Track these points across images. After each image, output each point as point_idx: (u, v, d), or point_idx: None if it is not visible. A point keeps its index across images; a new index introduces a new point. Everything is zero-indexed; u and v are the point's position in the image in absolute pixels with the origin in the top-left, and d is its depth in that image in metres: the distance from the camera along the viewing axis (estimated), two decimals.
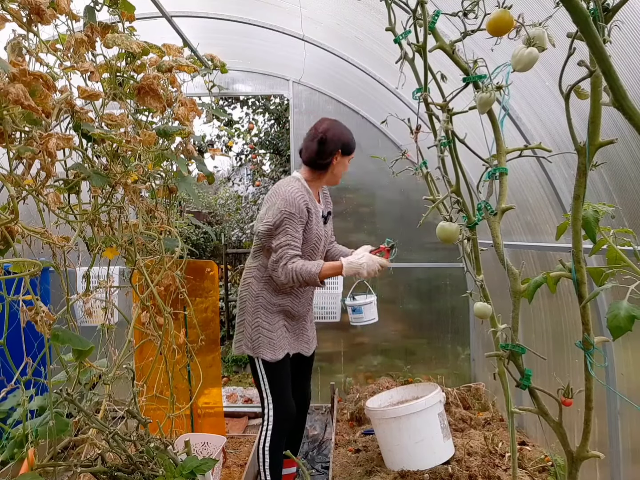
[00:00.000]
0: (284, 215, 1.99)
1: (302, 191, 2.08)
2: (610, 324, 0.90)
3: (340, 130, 2.16)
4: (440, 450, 2.29)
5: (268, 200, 2.10)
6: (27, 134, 1.12)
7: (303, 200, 2.04)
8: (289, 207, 2.00)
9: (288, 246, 1.99)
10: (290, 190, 2.04)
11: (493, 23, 0.98)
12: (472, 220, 1.20)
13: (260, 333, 2.12)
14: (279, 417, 2.13)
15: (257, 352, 2.12)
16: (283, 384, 2.16)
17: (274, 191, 2.11)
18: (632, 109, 0.76)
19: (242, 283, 2.23)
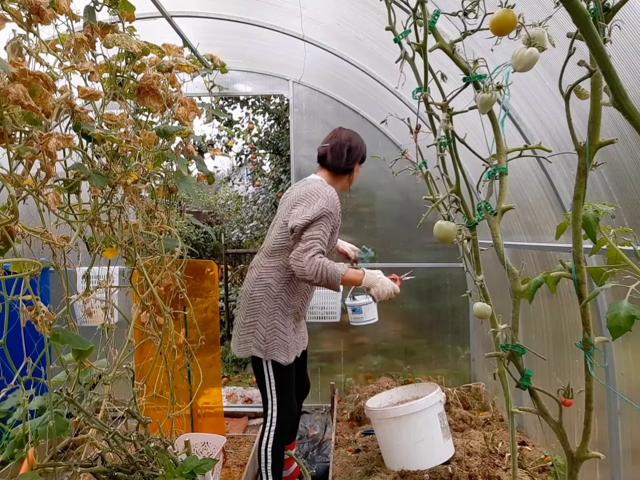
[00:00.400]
0: (323, 212, 2.01)
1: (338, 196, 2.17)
2: (610, 323, 0.90)
3: (361, 139, 2.32)
4: (440, 450, 2.29)
5: (305, 199, 2.08)
6: (27, 134, 1.12)
7: (339, 206, 2.13)
8: (330, 207, 2.04)
9: (319, 240, 1.98)
10: (331, 193, 2.10)
11: (496, 22, 0.98)
12: (472, 220, 1.20)
13: (276, 335, 2.09)
14: (282, 418, 2.12)
15: (271, 354, 2.08)
16: (289, 386, 2.15)
17: (313, 192, 2.09)
18: (632, 109, 0.76)
19: (256, 282, 2.15)
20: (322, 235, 1.99)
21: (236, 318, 2.23)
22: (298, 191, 2.16)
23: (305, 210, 2.03)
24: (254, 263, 2.23)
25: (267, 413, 2.13)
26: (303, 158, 3.62)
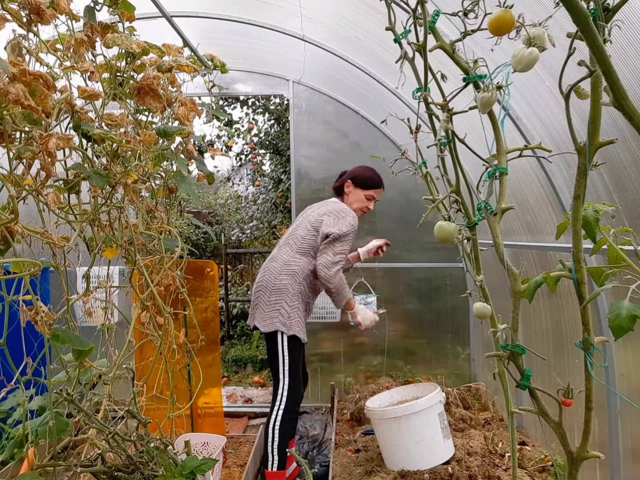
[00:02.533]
0: (350, 231, 2.37)
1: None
2: (612, 323, 0.89)
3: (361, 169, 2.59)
4: (440, 450, 2.29)
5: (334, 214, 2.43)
6: (27, 134, 1.12)
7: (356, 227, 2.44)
8: (354, 225, 2.41)
9: (344, 256, 2.36)
10: (352, 216, 2.44)
11: (495, 22, 0.98)
12: (472, 220, 1.20)
13: (298, 314, 2.37)
14: (291, 399, 2.29)
15: (294, 330, 2.34)
16: (298, 368, 2.36)
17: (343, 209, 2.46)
18: (632, 109, 0.76)
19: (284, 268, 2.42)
20: (346, 250, 2.37)
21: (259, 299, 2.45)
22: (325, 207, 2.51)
23: (337, 222, 2.38)
24: (276, 256, 2.49)
25: (277, 393, 2.31)
26: (303, 158, 3.62)
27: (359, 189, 2.54)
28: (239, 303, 5.85)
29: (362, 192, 2.55)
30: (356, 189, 2.54)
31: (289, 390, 2.29)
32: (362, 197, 2.55)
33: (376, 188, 2.56)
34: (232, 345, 5.43)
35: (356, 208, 2.54)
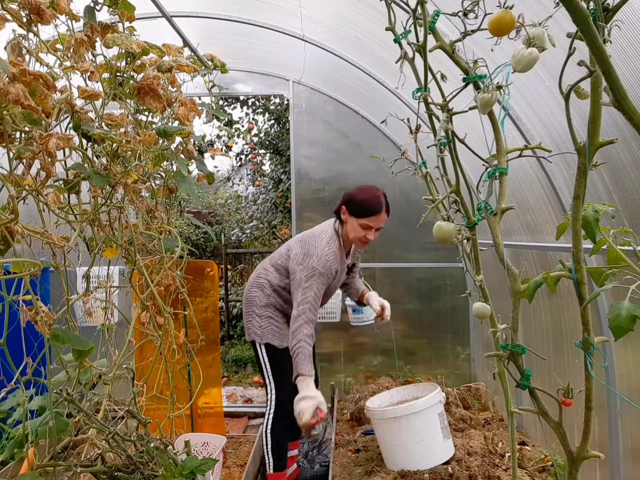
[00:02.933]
0: (314, 273, 2.08)
1: (336, 253, 2.17)
2: (612, 324, 0.90)
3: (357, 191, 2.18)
4: (440, 450, 2.29)
5: (304, 244, 2.18)
6: (27, 134, 1.12)
7: (334, 265, 2.15)
8: (321, 267, 2.10)
9: (310, 305, 2.06)
10: (326, 252, 2.12)
11: (495, 23, 0.98)
12: (471, 220, 1.20)
13: (271, 323, 2.30)
14: (280, 402, 2.28)
15: (266, 338, 2.29)
16: (284, 370, 2.26)
17: (314, 239, 2.18)
18: (632, 109, 0.76)
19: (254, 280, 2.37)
20: (314, 298, 2.07)
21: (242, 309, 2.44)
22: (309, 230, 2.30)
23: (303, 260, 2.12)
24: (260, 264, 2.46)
25: (267, 397, 2.32)
26: (303, 158, 3.62)
27: (353, 217, 2.14)
28: (239, 303, 5.85)
29: (356, 221, 2.13)
30: (350, 217, 2.15)
31: (276, 395, 2.29)
32: (357, 227, 2.14)
33: (371, 215, 2.10)
34: (232, 345, 5.43)
35: (353, 239, 2.19)
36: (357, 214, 2.13)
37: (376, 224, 2.13)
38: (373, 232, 2.14)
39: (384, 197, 2.14)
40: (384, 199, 2.13)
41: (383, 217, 2.13)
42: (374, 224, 2.12)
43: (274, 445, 2.27)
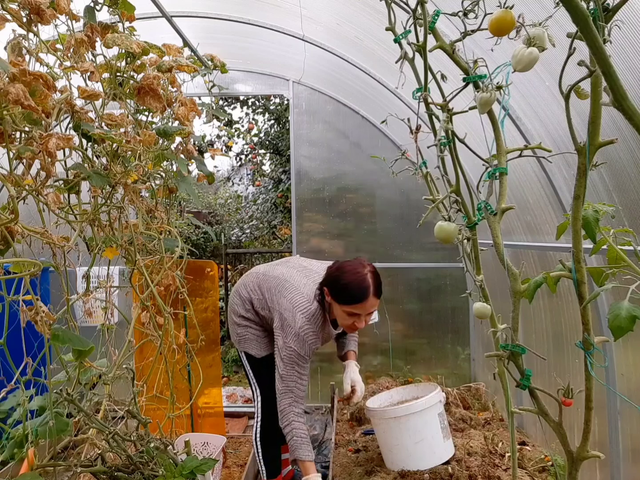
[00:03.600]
0: (293, 354, 1.92)
1: (317, 333, 1.95)
2: (611, 324, 0.90)
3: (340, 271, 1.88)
4: (440, 450, 2.29)
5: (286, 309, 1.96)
6: (27, 134, 1.12)
7: (315, 345, 1.98)
8: (300, 348, 1.91)
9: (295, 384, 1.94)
10: (306, 332, 1.91)
11: (495, 23, 0.98)
12: (472, 220, 1.20)
13: (249, 331, 2.23)
14: (265, 409, 2.24)
15: (243, 346, 2.24)
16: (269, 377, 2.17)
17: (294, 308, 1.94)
18: (632, 109, 0.76)
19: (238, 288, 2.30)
20: (297, 384, 1.95)
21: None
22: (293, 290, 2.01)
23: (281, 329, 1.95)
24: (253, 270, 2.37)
25: (254, 405, 2.29)
26: (303, 158, 3.62)
27: (337, 303, 1.85)
28: None
29: (341, 308, 1.84)
30: (334, 302, 1.86)
31: (262, 402, 2.23)
32: (342, 314, 1.86)
33: (357, 303, 1.79)
34: (232, 345, 5.42)
35: (341, 325, 1.95)
36: (340, 300, 1.84)
37: (364, 311, 1.83)
38: (362, 318, 1.85)
39: (373, 275, 1.83)
40: (372, 278, 1.81)
41: (372, 302, 1.81)
42: (361, 312, 1.83)
43: (265, 452, 2.24)
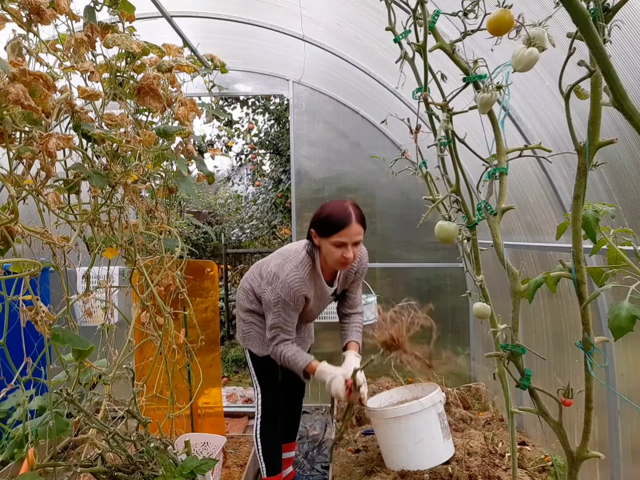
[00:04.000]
0: (278, 300, 1.98)
1: (304, 279, 2.00)
2: (611, 324, 0.90)
3: (321, 207, 1.98)
4: (440, 450, 2.29)
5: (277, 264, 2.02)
6: (27, 134, 1.12)
7: (301, 292, 1.99)
8: (285, 294, 1.96)
9: (280, 329, 2.02)
10: (291, 277, 1.97)
11: (493, 23, 0.98)
12: (472, 220, 1.20)
13: (253, 329, 2.25)
14: (266, 406, 2.27)
15: (247, 343, 2.27)
16: (270, 376, 2.27)
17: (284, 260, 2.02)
18: (632, 109, 0.76)
19: (242, 284, 2.33)
20: (282, 322, 2.00)
21: None
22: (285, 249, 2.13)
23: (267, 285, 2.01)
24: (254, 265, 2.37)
25: (255, 401, 2.31)
26: (303, 158, 3.62)
27: (323, 239, 1.91)
28: None
29: (327, 241, 1.89)
30: (321, 239, 1.92)
31: (262, 400, 2.27)
32: (330, 248, 1.89)
33: (340, 229, 1.84)
34: (232, 345, 5.43)
35: (332, 263, 1.96)
36: (326, 232, 1.89)
37: (349, 239, 1.85)
38: (349, 248, 1.87)
39: (355, 207, 1.91)
40: (353, 209, 1.89)
41: (355, 229, 1.85)
42: (346, 239, 1.85)
43: (265, 449, 2.26)
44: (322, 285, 2.11)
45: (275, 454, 2.33)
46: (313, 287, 2.06)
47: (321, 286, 2.11)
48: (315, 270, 2.05)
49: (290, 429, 2.62)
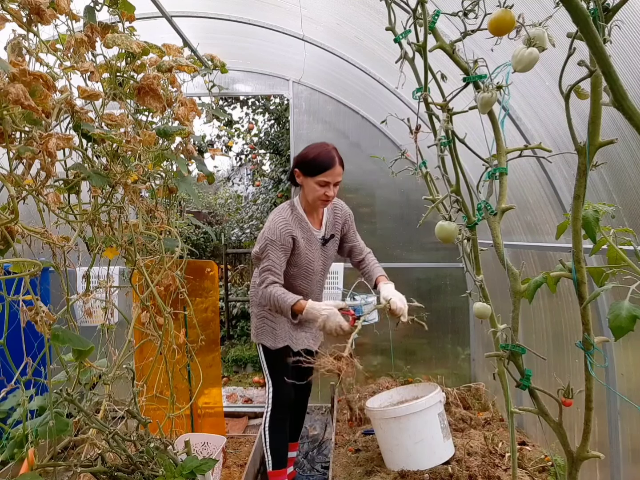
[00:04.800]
0: (266, 242, 2.11)
1: (288, 220, 2.17)
2: (612, 324, 0.89)
3: (306, 150, 2.15)
4: (440, 450, 2.29)
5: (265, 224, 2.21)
6: (27, 134, 1.12)
7: (286, 230, 2.13)
8: (271, 235, 2.11)
9: (269, 271, 2.12)
10: (275, 220, 2.15)
11: (494, 23, 0.98)
12: (472, 220, 1.20)
13: (265, 323, 2.33)
14: (276, 401, 2.32)
15: (260, 338, 2.33)
16: (281, 371, 2.30)
17: (268, 217, 2.22)
18: (632, 109, 0.76)
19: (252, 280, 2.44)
20: (270, 264, 2.10)
21: None
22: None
23: (259, 238, 2.17)
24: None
25: (267, 395, 2.36)
26: None
27: (308, 177, 2.10)
28: (239, 303, 5.85)
29: (312, 180, 2.09)
30: (305, 177, 2.12)
31: (274, 394, 2.32)
32: (314, 186, 2.09)
33: (326, 170, 2.06)
34: (232, 345, 5.43)
35: (313, 200, 2.14)
36: (312, 172, 2.08)
37: (332, 179, 2.08)
38: (331, 187, 2.09)
39: (336, 151, 2.11)
40: (336, 153, 2.09)
41: (338, 170, 2.08)
42: (330, 179, 2.07)
43: (273, 443, 2.31)
44: (308, 228, 2.24)
45: (283, 447, 2.37)
46: (299, 228, 2.20)
47: (307, 228, 2.24)
48: (296, 211, 2.23)
49: (294, 427, 2.65)
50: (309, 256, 2.27)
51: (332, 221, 2.35)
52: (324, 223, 2.33)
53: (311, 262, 2.29)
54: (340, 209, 2.38)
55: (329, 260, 2.40)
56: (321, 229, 2.32)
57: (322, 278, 2.42)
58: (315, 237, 2.28)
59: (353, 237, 2.45)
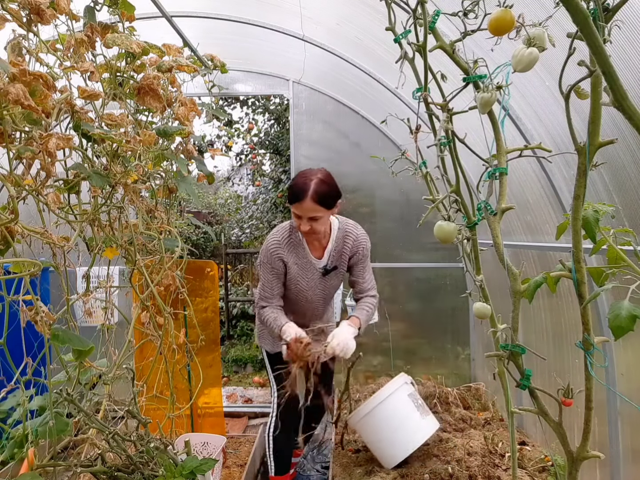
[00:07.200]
0: (260, 262, 2.15)
1: (281, 243, 2.08)
2: (611, 324, 0.89)
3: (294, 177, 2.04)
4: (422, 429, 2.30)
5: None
6: (27, 134, 1.12)
7: (276, 253, 2.08)
8: (263, 256, 2.12)
9: (259, 294, 2.17)
10: (269, 240, 2.11)
11: (494, 23, 0.98)
12: (471, 220, 1.20)
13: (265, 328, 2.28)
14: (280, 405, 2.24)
15: (261, 342, 2.38)
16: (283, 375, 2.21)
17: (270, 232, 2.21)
18: (632, 109, 0.76)
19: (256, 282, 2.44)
20: (261, 287, 2.15)
21: None
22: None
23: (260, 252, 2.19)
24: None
25: (271, 400, 2.35)
26: (303, 158, 3.62)
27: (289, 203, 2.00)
28: (239, 303, 5.86)
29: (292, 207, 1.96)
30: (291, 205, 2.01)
31: (278, 398, 2.27)
32: (293, 215, 1.99)
33: (294, 202, 1.90)
34: (232, 345, 5.43)
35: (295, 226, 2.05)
36: (289, 200, 1.96)
37: (301, 212, 1.89)
38: (305, 221, 1.90)
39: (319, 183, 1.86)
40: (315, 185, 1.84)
41: (308, 205, 1.84)
42: (299, 212, 1.90)
43: (275, 448, 2.27)
44: (304, 254, 2.11)
45: (285, 453, 2.33)
46: (293, 253, 2.10)
47: (304, 254, 2.11)
48: (294, 234, 2.10)
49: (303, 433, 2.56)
50: (301, 284, 2.16)
51: (339, 250, 2.14)
52: (327, 251, 2.14)
53: (303, 291, 2.17)
54: (353, 240, 2.14)
55: (331, 289, 2.28)
56: (323, 258, 2.15)
57: (321, 305, 2.30)
58: (313, 266, 2.14)
59: (359, 273, 2.21)
